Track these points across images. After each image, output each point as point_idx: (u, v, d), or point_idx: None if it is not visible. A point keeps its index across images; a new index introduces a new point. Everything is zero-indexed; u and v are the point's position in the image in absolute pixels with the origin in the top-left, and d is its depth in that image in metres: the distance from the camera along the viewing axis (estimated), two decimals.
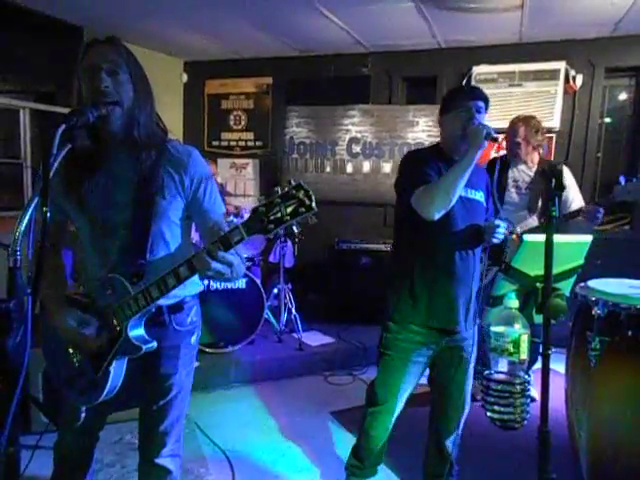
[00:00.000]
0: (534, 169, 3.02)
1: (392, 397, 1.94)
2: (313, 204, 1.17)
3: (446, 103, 1.89)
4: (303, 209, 1.17)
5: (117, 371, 1.42)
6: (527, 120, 2.99)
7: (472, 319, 1.87)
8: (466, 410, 2.01)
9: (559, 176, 1.18)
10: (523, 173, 3.04)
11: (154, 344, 1.41)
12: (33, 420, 2.64)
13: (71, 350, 1.49)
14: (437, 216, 1.69)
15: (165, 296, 1.35)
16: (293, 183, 1.19)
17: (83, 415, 1.56)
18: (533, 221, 2.98)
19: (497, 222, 1.76)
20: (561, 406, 2.14)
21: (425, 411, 2.13)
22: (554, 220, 1.16)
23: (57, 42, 4.45)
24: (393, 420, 1.99)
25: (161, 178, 1.41)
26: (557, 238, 1.17)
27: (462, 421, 2.03)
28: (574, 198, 2.94)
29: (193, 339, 1.59)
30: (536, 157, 3.04)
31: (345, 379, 3.63)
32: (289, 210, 1.17)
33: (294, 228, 3.90)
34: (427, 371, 2.03)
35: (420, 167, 1.82)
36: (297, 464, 2.54)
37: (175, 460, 1.60)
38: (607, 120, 4.52)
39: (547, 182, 1.18)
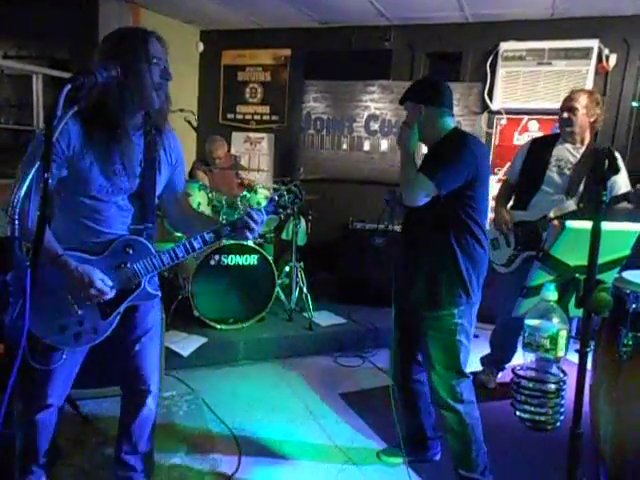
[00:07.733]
0: (582, 150, 2.82)
1: None
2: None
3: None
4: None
5: (119, 317, 1.66)
6: (589, 91, 2.87)
7: None
8: None
9: (613, 157, 1.07)
10: (568, 153, 2.84)
11: (159, 293, 1.72)
12: None
13: (73, 300, 1.59)
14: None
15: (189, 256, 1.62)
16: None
17: (64, 357, 1.62)
18: (569, 205, 2.78)
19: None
20: (585, 401, 2.07)
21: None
22: (603, 206, 1.05)
23: (72, 8, 4.33)
24: None
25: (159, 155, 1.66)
26: (603, 226, 1.07)
27: None
28: (622, 184, 2.72)
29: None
30: (588, 136, 2.84)
31: (355, 360, 3.57)
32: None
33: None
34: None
35: None
36: (304, 445, 2.50)
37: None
38: (635, 104, 4.27)
39: (596, 163, 1.06)
